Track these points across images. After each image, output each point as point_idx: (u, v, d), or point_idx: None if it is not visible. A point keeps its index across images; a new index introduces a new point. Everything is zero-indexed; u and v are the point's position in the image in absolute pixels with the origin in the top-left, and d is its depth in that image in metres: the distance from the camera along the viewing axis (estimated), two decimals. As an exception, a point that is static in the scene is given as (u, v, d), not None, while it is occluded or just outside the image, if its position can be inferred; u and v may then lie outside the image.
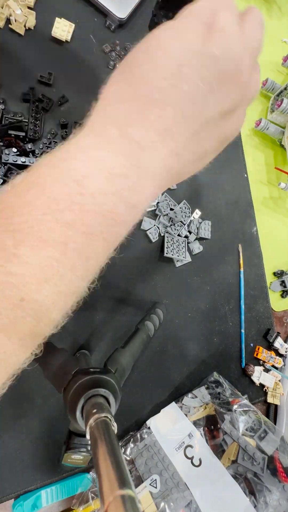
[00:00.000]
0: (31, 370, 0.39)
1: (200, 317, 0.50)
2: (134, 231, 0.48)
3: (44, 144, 0.43)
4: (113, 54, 0.51)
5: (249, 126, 0.63)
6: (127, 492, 0.14)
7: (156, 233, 0.49)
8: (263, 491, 0.38)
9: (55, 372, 0.28)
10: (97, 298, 0.44)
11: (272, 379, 0.53)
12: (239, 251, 0.55)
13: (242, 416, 0.42)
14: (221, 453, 0.40)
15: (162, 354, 0.47)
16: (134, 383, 0.45)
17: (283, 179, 0.63)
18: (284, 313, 0.60)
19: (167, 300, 0.48)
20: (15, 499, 0.38)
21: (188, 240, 0.51)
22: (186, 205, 0.51)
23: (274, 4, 0.72)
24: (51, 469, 0.39)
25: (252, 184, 0.59)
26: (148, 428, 0.42)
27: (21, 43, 0.45)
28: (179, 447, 0.41)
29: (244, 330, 0.53)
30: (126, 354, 0.32)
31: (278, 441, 0.41)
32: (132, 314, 0.45)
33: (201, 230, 0.51)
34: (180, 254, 0.49)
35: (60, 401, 0.40)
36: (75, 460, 0.29)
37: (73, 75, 0.47)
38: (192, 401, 0.45)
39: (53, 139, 0.44)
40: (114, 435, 0.18)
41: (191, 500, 0.37)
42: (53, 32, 0.46)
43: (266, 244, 0.59)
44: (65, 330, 0.42)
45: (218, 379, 0.48)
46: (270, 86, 0.63)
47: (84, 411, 0.22)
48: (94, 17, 0.50)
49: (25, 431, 0.38)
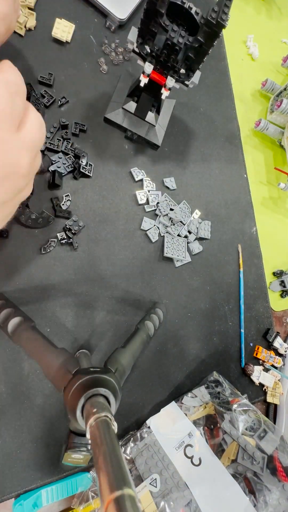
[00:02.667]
0: (32, 370, 0.40)
1: (200, 317, 0.51)
2: (134, 231, 0.48)
3: (48, 138, 0.44)
4: (113, 54, 0.51)
5: (248, 127, 0.63)
6: (127, 491, 0.15)
7: (156, 233, 0.49)
8: (263, 491, 0.38)
9: (55, 372, 0.28)
10: (97, 298, 0.44)
11: (271, 379, 0.53)
12: (239, 251, 0.55)
13: (241, 415, 0.43)
14: (220, 453, 0.40)
15: (162, 353, 0.47)
16: (134, 383, 0.45)
17: (283, 179, 0.63)
18: (283, 313, 0.60)
19: (167, 300, 0.49)
20: (15, 498, 0.38)
21: (188, 240, 0.51)
22: (186, 205, 0.52)
23: (274, 4, 0.72)
24: (51, 469, 0.39)
25: (251, 184, 0.59)
26: (148, 427, 0.43)
27: (22, 43, 0.45)
28: (179, 446, 0.41)
29: (244, 330, 0.53)
30: (126, 353, 0.32)
31: (278, 440, 0.42)
32: (132, 314, 0.46)
33: (201, 230, 0.52)
34: (180, 254, 0.49)
35: (61, 400, 0.41)
36: (75, 460, 0.30)
37: (73, 75, 0.48)
38: (192, 401, 0.45)
39: (56, 137, 0.44)
40: (114, 435, 0.19)
41: (191, 499, 0.37)
42: (53, 33, 0.46)
43: (265, 244, 0.59)
44: (65, 329, 0.42)
45: (218, 379, 0.48)
46: (269, 86, 0.63)
47: (84, 411, 0.22)
48: (94, 17, 0.50)
49: (26, 430, 0.39)
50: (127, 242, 0.47)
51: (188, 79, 0.39)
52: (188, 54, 0.35)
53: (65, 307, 0.43)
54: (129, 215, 0.48)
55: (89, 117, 0.48)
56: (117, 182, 0.48)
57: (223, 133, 0.59)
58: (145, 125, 0.49)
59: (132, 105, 0.47)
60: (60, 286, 0.43)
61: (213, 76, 0.60)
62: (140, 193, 0.49)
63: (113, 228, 0.47)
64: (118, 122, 0.47)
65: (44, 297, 0.42)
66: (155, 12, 0.32)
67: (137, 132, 0.48)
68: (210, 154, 0.57)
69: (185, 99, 0.56)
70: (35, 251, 0.42)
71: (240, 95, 0.63)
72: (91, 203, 0.46)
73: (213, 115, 0.58)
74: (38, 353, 0.31)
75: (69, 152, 0.44)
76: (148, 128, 0.49)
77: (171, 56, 0.35)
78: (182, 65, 0.37)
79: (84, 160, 0.45)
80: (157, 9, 0.31)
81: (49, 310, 0.42)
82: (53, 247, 0.43)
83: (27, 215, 0.41)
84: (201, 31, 0.33)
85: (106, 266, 0.46)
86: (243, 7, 0.68)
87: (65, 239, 0.43)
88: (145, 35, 0.35)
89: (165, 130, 0.51)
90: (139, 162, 0.50)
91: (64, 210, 0.43)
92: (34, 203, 0.43)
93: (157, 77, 0.39)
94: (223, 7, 0.31)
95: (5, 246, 0.41)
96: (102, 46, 0.50)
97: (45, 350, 0.30)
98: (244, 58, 0.66)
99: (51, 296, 0.42)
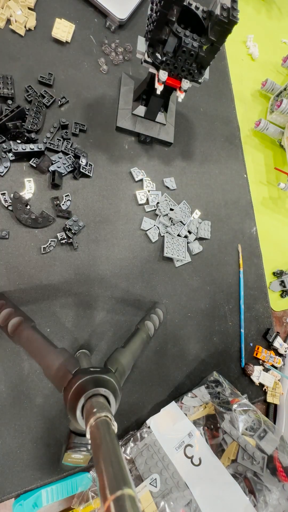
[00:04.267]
0: (32, 370, 0.40)
1: (200, 317, 0.51)
2: (134, 231, 0.48)
3: (48, 138, 0.44)
4: (113, 54, 0.51)
5: (248, 127, 0.63)
6: (127, 491, 0.15)
7: (156, 233, 0.49)
8: (263, 490, 0.38)
9: (55, 372, 0.28)
10: (97, 298, 0.44)
11: (271, 379, 0.53)
12: (239, 251, 0.55)
13: (241, 415, 0.43)
14: (221, 453, 0.40)
15: (162, 353, 0.47)
16: (134, 383, 0.45)
17: (283, 179, 0.63)
18: (283, 313, 0.60)
19: (167, 300, 0.49)
20: (15, 498, 0.38)
21: (188, 240, 0.51)
22: (186, 205, 0.52)
23: (274, 5, 0.72)
24: (51, 469, 0.39)
25: (251, 184, 0.59)
26: (148, 427, 0.43)
27: (22, 43, 0.45)
28: (179, 446, 0.41)
29: (244, 330, 0.53)
30: (126, 353, 0.32)
31: (278, 440, 0.42)
32: (132, 314, 0.46)
33: (201, 230, 0.52)
34: (180, 254, 0.49)
35: (61, 400, 0.40)
36: (75, 460, 0.30)
37: (73, 75, 0.48)
38: (192, 401, 0.45)
39: (56, 137, 0.45)
40: (114, 435, 0.19)
41: (191, 499, 0.37)
42: (53, 33, 0.46)
43: (265, 244, 0.59)
44: (65, 329, 0.42)
45: (218, 379, 0.48)
46: (269, 86, 0.63)
47: (84, 411, 0.22)
48: (94, 17, 0.50)
49: (26, 430, 0.39)
50: (127, 242, 0.47)
51: (201, 77, 0.39)
52: (199, 53, 0.35)
53: (65, 307, 0.43)
54: (129, 215, 0.48)
55: (89, 117, 0.48)
56: (117, 182, 0.48)
57: (223, 133, 0.59)
58: (156, 126, 0.49)
59: (141, 109, 0.48)
60: (60, 286, 0.43)
61: (213, 76, 0.60)
62: (140, 193, 0.49)
63: (113, 228, 0.47)
64: (131, 129, 0.48)
65: (44, 297, 0.42)
66: (167, 21, 0.32)
67: (150, 134, 0.49)
68: (210, 154, 0.57)
69: (185, 99, 0.56)
70: (35, 251, 0.42)
71: (240, 95, 0.63)
72: (91, 203, 0.46)
73: (213, 115, 0.58)
74: (38, 353, 0.31)
75: (69, 152, 0.44)
76: (159, 128, 0.49)
77: (187, 61, 0.35)
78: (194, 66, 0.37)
79: (84, 160, 0.45)
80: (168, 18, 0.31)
81: (49, 310, 0.42)
82: (53, 247, 0.43)
83: (27, 215, 0.41)
84: (212, 30, 0.33)
85: (106, 266, 0.46)
86: (243, 7, 0.68)
87: (65, 239, 0.43)
88: (154, 44, 0.35)
89: (173, 126, 0.51)
90: (139, 162, 0.50)
91: (64, 210, 0.43)
92: (34, 203, 0.43)
93: (172, 82, 0.39)
94: (232, 3, 0.31)
95: (5, 246, 0.41)
96: (102, 46, 0.50)
97: (45, 350, 0.30)
98: (244, 58, 0.66)
99: (51, 296, 0.42)
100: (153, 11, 0.33)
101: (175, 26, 0.32)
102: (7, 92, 0.42)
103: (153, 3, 0.33)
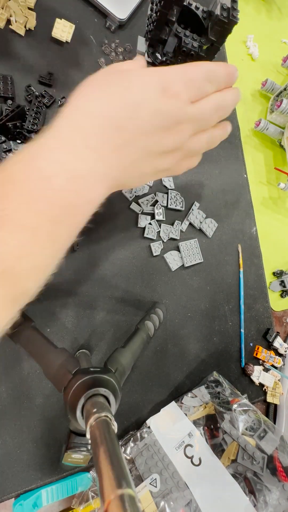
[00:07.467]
0: (32, 370, 0.40)
1: (200, 316, 0.51)
2: (134, 231, 0.48)
3: None
4: (113, 54, 0.51)
5: (248, 127, 0.63)
6: (127, 491, 0.15)
7: (155, 232, 0.49)
8: (263, 490, 0.38)
9: (55, 372, 0.28)
10: (97, 298, 0.44)
11: (271, 379, 0.53)
12: (239, 251, 0.55)
13: (241, 415, 0.43)
14: (220, 453, 0.40)
15: (162, 353, 0.47)
16: (134, 383, 0.45)
17: (283, 179, 0.63)
18: (283, 313, 0.60)
19: (167, 300, 0.49)
20: (15, 498, 0.38)
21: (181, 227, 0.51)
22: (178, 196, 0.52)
23: (274, 5, 0.72)
24: (51, 469, 0.39)
25: (251, 184, 0.59)
26: (148, 427, 0.43)
27: (22, 43, 0.45)
28: (179, 446, 0.41)
29: (244, 330, 0.53)
30: (126, 353, 0.32)
31: (278, 440, 0.42)
32: (132, 314, 0.46)
33: (205, 225, 0.52)
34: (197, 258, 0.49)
35: (61, 400, 0.40)
36: (75, 460, 0.30)
37: (73, 76, 0.48)
38: (192, 401, 0.45)
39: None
40: (114, 435, 0.19)
41: (191, 499, 0.37)
42: (53, 33, 0.46)
43: (265, 244, 0.59)
44: (65, 329, 0.42)
45: (217, 379, 0.48)
46: (269, 86, 0.63)
47: (84, 411, 0.22)
48: (94, 17, 0.50)
49: (26, 430, 0.39)
50: (127, 242, 0.47)
51: None
52: (199, 53, 0.35)
53: (65, 307, 0.43)
54: (129, 214, 0.48)
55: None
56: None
57: (223, 133, 0.59)
58: None
59: None
60: (60, 286, 0.43)
61: (213, 76, 0.60)
62: (140, 193, 0.49)
63: (113, 228, 0.47)
64: None
65: (44, 297, 0.42)
66: (166, 21, 0.32)
67: None
68: (210, 154, 0.56)
69: (185, 99, 0.55)
70: (35, 251, 0.42)
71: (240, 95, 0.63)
72: (91, 203, 0.46)
73: (213, 115, 0.58)
74: (38, 353, 0.31)
75: (69, 152, 0.44)
76: None
77: (187, 61, 0.35)
78: None
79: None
80: (168, 18, 0.31)
81: (49, 310, 0.42)
82: (53, 247, 0.43)
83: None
84: (212, 30, 0.33)
85: (106, 266, 0.46)
86: (243, 7, 0.68)
87: (65, 239, 0.43)
88: (154, 44, 0.35)
89: None
90: (139, 162, 0.50)
91: (64, 210, 0.43)
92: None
93: None
94: (232, 3, 0.31)
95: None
96: (102, 46, 0.50)
97: (45, 350, 0.30)
98: (244, 58, 0.66)
99: (51, 296, 0.42)
100: (153, 11, 0.33)
101: (175, 26, 0.32)
102: (7, 92, 0.42)
103: (153, 3, 0.33)
